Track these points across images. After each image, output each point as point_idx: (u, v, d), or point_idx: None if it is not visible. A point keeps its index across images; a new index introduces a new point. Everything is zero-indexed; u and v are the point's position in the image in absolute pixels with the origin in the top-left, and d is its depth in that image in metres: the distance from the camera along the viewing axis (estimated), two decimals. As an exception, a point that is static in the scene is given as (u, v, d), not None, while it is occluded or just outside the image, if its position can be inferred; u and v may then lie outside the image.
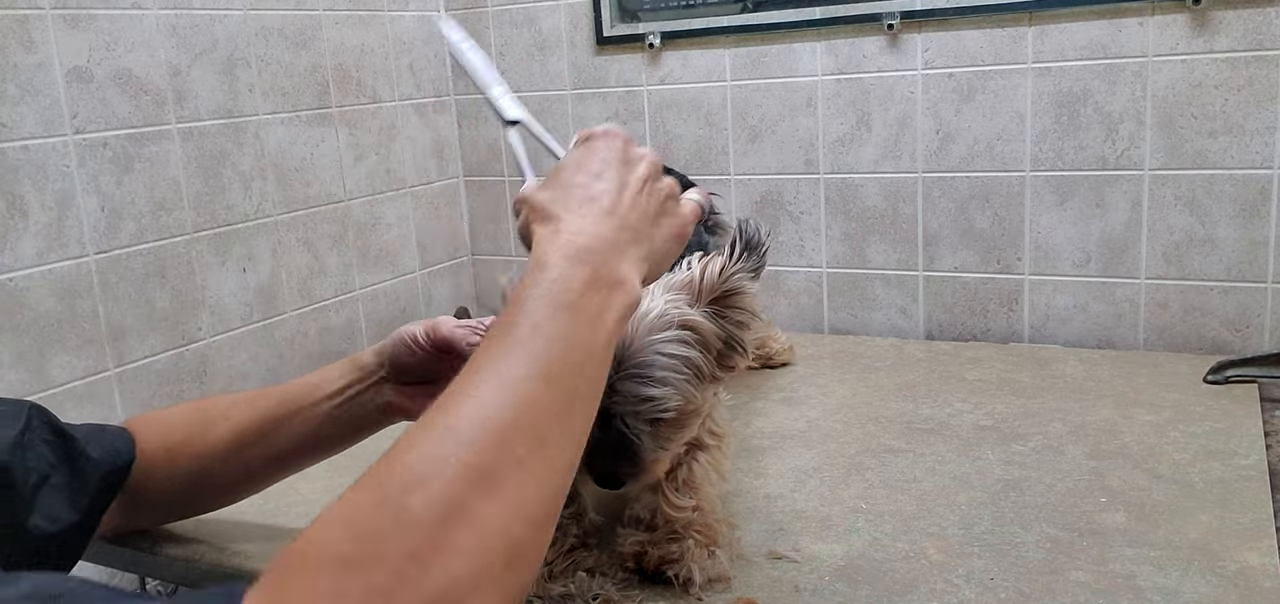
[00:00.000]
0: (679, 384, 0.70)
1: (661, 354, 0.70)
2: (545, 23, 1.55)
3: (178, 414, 0.85)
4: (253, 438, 0.82)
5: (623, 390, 0.69)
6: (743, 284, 0.74)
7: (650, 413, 0.70)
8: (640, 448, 0.71)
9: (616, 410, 0.70)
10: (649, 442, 0.72)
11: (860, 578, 0.75)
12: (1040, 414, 1.05)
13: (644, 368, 0.69)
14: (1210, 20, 1.16)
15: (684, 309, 0.73)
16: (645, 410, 0.70)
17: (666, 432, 0.73)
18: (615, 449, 0.71)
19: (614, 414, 0.70)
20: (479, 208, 1.70)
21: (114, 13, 1.13)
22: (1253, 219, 1.19)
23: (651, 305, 0.71)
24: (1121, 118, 1.23)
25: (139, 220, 1.17)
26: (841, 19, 1.34)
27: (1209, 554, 0.75)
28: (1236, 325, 1.22)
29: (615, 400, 0.69)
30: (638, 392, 0.69)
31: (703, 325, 0.73)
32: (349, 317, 1.47)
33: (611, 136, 0.64)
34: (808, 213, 1.43)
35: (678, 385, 0.70)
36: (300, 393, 0.84)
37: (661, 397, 0.70)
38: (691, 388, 0.71)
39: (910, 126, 1.34)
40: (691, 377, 0.71)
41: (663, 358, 0.70)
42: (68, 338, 1.10)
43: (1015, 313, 1.34)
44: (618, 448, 0.71)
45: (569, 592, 0.74)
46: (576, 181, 0.61)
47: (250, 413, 0.83)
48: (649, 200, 0.63)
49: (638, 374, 0.69)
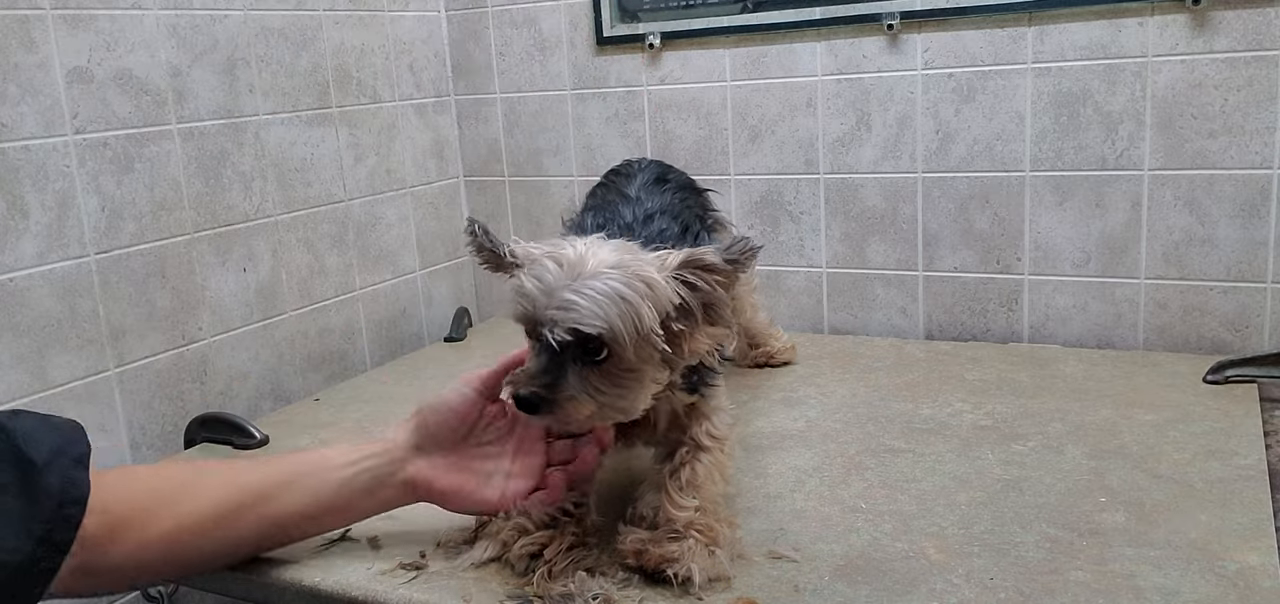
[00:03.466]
0: (610, 314, 0.70)
1: (601, 282, 0.71)
2: (545, 23, 1.55)
3: (161, 472, 0.81)
4: (252, 499, 0.78)
5: (557, 301, 0.71)
6: (714, 260, 0.74)
7: (572, 323, 0.71)
8: (564, 373, 0.72)
9: (546, 321, 0.72)
10: (574, 376, 0.72)
11: (860, 578, 0.76)
12: (1040, 414, 1.06)
13: (580, 286, 0.71)
14: (1210, 20, 1.16)
15: (640, 261, 0.74)
16: (567, 319, 0.71)
17: (594, 376, 0.73)
18: (540, 369, 0.72)
19: (545, 325, 0.72)
20: (479, 208, 1.70)
21: (114, 13, 1.13)
22: (1252, 219, 1.19)
23: (607, 255, 0.73)
24: (1121, 118, 1.23)
25: (139, 220, 1.17)
26: (841, 19, 1.34)
27: (1209, 554, 0.75)
28: (1236, 325, 1.22)
29: (549, 314, 0.71)
30: (566, 299, 0.71)
31: (655, 280, 0.73)
32: (349, 316, 1.47)
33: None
34: (807, 213, 1.43)
35: (608, 314, 0.70)
36: (312, 457, 0.81)
37: (587, 311, 0.70)
38: (625, 328, 0.71)
39: (910, 127, 1.34)
40: (629, 316, 0.71)
41: (601, 284, 0.71)
42: (68, 338, 1.10)
43: (1015, 313, 1.34)
44: (542, 368, 0.72)
45: (569, 591, 0.74)
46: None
47: (252, 471, 0.80)
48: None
49: (572, 289, 0.71)
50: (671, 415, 0.85)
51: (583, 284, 0.72)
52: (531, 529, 0.80)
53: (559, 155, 1.59)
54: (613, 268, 0.73)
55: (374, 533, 0.86)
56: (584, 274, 0.72)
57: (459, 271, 1.70)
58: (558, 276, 0.73)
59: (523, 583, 0.77)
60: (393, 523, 0.86)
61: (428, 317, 1.62)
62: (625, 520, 0.82)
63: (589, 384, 0.73)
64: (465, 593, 0.77)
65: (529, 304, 0.73)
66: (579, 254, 0.74)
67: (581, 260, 0.73)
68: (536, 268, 0.74)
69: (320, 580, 0.81)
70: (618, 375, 0.74)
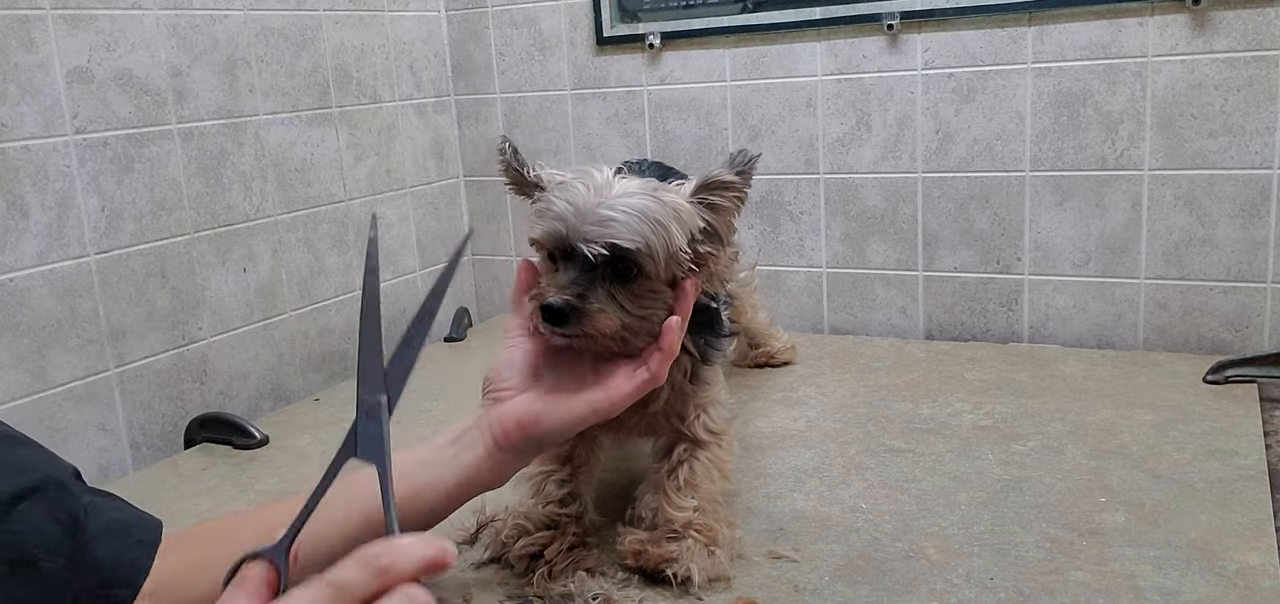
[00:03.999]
0: (644, 230, 0.72)
1: (634, 201, 0.73)
2: (545, 23, 1.55)
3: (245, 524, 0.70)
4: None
5: (592, 217, 0.72)
6: (729, 176, 0.76)
7: (609, 237, 0.71)
8: (593, 287, 0.72)
9: (580, 237, 0.72)
10: (603, 291, 0.73)
11: (860, 578, 0.76)
12: (1040, 414, 1.05)
13: (614, 203, 0.73)
14: (1210, 20, 1.16)
15: (664, 187, 0.76)
16: (604, 233, 0.72)
17: (622, 294, 0.73)
18: (570, 281, 0.73)
19: (579, 240, 0.72)
20: (479, 208, 1.70)
21: (114, 13, 1.13)
22: (1252, 219, 1.19)
23: (632, 184, 0.75)
24: (1121, 118, 1.23)
25: (139, 220, 1.17)
26: (841, 19, 1.34)
27: (1208, 554, 0.75)
28: (1236, 325, 1.22)
29: (585, 230, 0.72)
30: (603, 215, 0.72)
31: (681, 204, 0.75)
32: (349, 316, 1.47)
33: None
34: (807, 213, 1.43)
35: (642, 230, 0.72)
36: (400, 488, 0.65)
37: (623, 227, 0.72)
38: (657, 245, 0.73)
39: (910, 126, 1.34)
40: (661, 235, 0.73)
41: (635, 202, 0.73)
42: (68, 338, 1.10)
43: (1015, 313, 1.34)
44: (572, 280, 0.73)
45: (569, 591, 0.74)
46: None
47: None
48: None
49: (606, 206, 0.72)
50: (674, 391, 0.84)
51: (616, 202, 0.73)
52: (531, 529, 0.80)
53: (559, 155, 1.58)
54: (640, 190, 0.75)
55: (374, 533, 0.86)
56: (614, 195, 0.74)
57: (459, 271, 1.70)
58: (589, 196, 0.74)
59: (523, 583, 0.77)
60: (393, 523, 0.86)
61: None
62: (624, 521, 0.82)
63: (616, 301, 0.74)
64: (465, 593, 0.77)
65: (561, 222, 0.73)
66: (606, 178, 0.76)
67: (609, 184, 0.75)
68: (565, 189, 0.75)
69: (320, 580, 0.81)
70: (644, 296, 0.75)
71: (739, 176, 0.76)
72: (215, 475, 1.08)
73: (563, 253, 0.74)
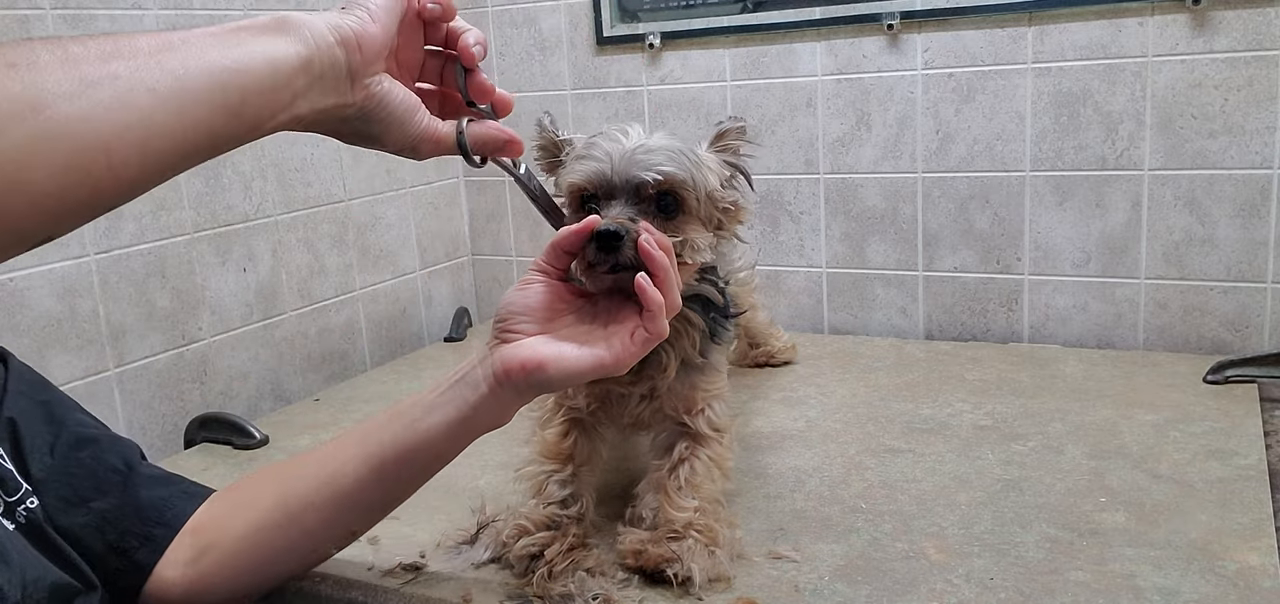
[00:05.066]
0: (686, 166, 0.77)
1: (669, 142, 0.79)
2: (545, 23, 1.55)
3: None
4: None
5: (637, 157, 0.76)
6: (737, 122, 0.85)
7: (657, 168, 0.76)
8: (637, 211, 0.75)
9: (626, 173, 0.76)
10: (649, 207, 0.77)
11: (860, 578, 0.76)
12: (1040, 414, 1.06)
13: (655, 144, 0.78)
14: (1210, 20, 1.16)
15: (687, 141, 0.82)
16: (651, 166, 0.76)
17: (666, 228, 0.75)
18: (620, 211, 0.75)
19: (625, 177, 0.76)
20: (479, 208, 1.70)
21: (114, 13, 1.13)
22: (1253, 219, 1.19)
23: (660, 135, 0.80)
24: (1121, 118, 1.23)
25: (139, 220, 1.17)
26: (841, 19, 1.34)
27: (1209, 554, 0.75)
28: (1236, 325, 1.22)
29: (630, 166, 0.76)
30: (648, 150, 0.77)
31: (705, 153, 0.83)
32: (349, 316, 1.47)
33: None
34: (807, 213, 1.43)
35: (685, 166, 0.77)
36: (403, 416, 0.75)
37: (668, 161, 0.76)
38: (699, 182, 0.78)
39: (910, 126, 1.34)
40: (699, 169, 0.79)
41: (669, 143, 0.79)
42: (68, 338, 1.10)
43: (1015, 313, 1.34)
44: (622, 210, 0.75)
45: (569, 591, 0.74)
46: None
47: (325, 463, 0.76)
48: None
49: (648, 147, 0.77)
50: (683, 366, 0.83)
51: (657, 143, 0.78)
52: (531, 529, 0.80)
53: (559, 155, 1.58)
54: (671, 138, 0.80)
55: (374, 533, 0.86)
56: (651, 140, 0.78)
57: (459, 272, 1.70)
58: (628, 141, 0.78)
59: (523, 583, 0.77)
60: (393, 523, 0.86)
61: (428, 316, 1.62)
62: (625, 521, 0.82)
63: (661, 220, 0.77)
64: (465, 593, 0.77)
65: (606, 161, 0.77)
66: (638, 130, 0.80)
67: (641, 134, 0.80)
68: (602, 139, 0.79)
69: (320, 580, 0.81)
70: (682, 213, 0.78)
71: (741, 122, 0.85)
72: (215, 476, 1.08)
73: (605, 193, 0.77)
